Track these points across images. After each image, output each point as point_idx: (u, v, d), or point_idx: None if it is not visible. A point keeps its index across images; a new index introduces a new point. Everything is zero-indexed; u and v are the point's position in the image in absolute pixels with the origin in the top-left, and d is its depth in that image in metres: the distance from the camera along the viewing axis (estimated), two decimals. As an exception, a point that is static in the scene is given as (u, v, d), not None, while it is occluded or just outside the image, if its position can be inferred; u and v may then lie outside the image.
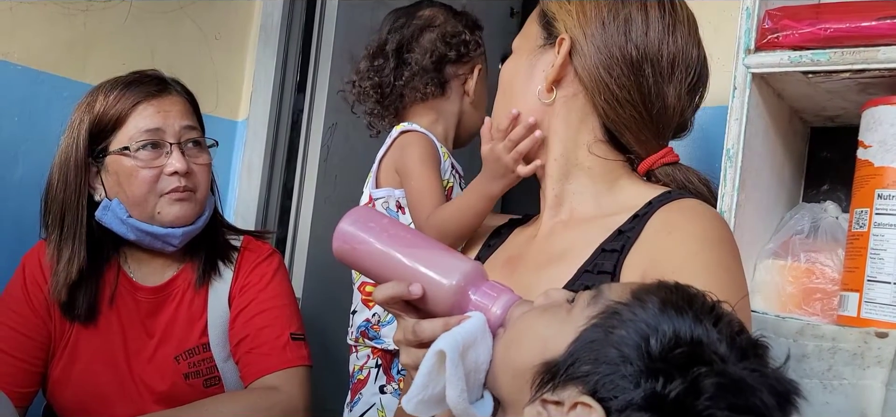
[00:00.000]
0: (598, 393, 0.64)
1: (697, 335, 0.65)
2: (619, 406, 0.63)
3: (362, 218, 0.90)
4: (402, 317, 0.85)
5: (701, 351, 0.64)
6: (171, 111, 1.36)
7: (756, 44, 1.17)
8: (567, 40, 1.00)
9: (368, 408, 1.44)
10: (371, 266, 0.88)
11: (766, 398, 0.64)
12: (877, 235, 1.06)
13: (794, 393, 0.66)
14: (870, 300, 1.05)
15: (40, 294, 1.38)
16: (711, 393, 0.62)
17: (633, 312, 0.67)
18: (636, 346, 0.65)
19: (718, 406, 0.62)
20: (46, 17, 1.80)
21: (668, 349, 0.64)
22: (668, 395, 0.62)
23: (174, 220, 1.36)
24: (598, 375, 0.65)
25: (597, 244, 0.94)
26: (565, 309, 0.73)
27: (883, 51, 1.07)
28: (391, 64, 1.47)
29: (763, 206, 1.27)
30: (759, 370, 0.65)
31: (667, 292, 0.69)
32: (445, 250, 0.86)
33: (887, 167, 1.07)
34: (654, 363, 0.64)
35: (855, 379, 1.00)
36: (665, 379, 0.63)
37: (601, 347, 0.66)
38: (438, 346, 0.73)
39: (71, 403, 1.39)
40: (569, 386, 0.66)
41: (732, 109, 1.18)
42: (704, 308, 0.68)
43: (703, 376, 0.63)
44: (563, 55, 0.99)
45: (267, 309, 1.42)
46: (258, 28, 2.20)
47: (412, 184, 1.37)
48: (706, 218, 0.93)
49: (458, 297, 0.80)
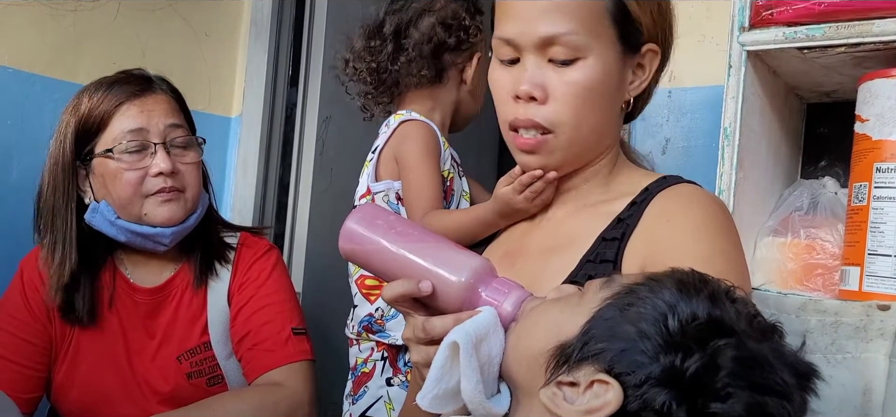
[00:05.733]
0: (614, 370, 0.64)
1: (716, 312, 0.65)
2: (636, 381, 0.63)
3: (369, 216, 0.89)
4: (410, 315, 0.85)
5: (721, 326, 0.64)
6: (155, 110, 1.35)
7: (750, 21, 1.17)
8: (657, 54, 0.96)
9: (375, 401, 1.43)
10: (379, 265, 0.87)
11: (787, 377, 0.64)
12: (876, 208, 1.06)
13: (814, 375, 0.66)
14: (871, 273, 1.05)
15: (39, 299, 1.37)
16: (731, 369, 0.62)
17: (650, 290, 0.67)
18: (654, 321, 0.64)
19: (738, 384, 0.62)
20: (34, 19, 1.79)
21: (687, 324, 0.64)
22: (686, 370, 0.62)
23: (163, 221, 1.34)
24: (614, 351, 0.64)
25: (598, 233, 0.94)
26: (577, 296, 0.73)
27: (877, 24, 1.07)
28: (388, 47, 1.43)
29: (761, 184, 1.27)
30: (778, 349, 0.65)
31: (683, 274, 0.69)
32: (454, 246, 0.86)
33: (885, 140, 1.07)
34: (673, 338, 0.63)
35: (858, 353, 1.01)
36: (684, 354, 0.62)
37: (617, 324, 0.66)
38: (451, 338, 0.73)
39: (75, 406, 1.39)
40: (584, 366, 0.66)
41: (728, 88, 1.18)
42: (721, 289, 0.67)
43: (721, 349, 0.62)
44: (652, 71, 0.96)
45: (267, 305, 1.41)
46: (248, 23, 2.19)
47: (411, 177, 1.36)
48: (704, 205, 0.93)
49: (468, 293, 0.80)
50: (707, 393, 0.62)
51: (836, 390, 1.01)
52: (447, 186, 1.41)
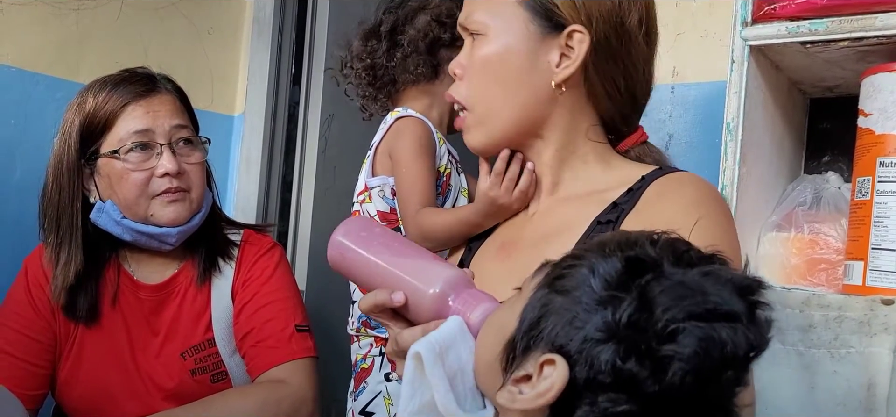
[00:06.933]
0: (555, 344, 0.62)
1: (631, 253, 0.62)
2: (577, 348, 0.60)
3: (355, 228, 0.90)
4: (389, 327, 0.85)
5: (641, 265, 0.61)
6: (161, 111, 1.35)
7: (753, 16, 1.17)
8: (585, 36, 0.93)
9: (375, 397, 1.44)
10: (360, 275, 0.89)
11: (727, 296, 0.59)
12: (880, 203, 1.06)
13: (757, 284, 0.61)
14: (875, 267, 1.05)
15: (44, 296, 1.37)
16: (664, 304, 0.58)
17: (574, 259, 0.65)
18: (580, 286, 0.62)
19: (676, 317, 0.58)
20: (37, 18, 1.79)
21: (610, 277, 0.61)
22: (620, 320, 0.59)
23: (169, 221, 1.35)
24: (550, 326, 0.63)
25: (592, 218, 0.94)
26: (515, 294, 0.71)
27: (881, 18, 1.07)
28: (384, 46, 1.44)
29: (765, 179, 1.27)
30: (711, 272, 0.61)
31: (603, 238, 0.67)
32: (432, 258, 0.86)
33: (888, 135, 1.07)
34: (599, 295, 0.61)
35: (862, 347, 1.01)
36: (613, 305, 0.60)
37: (548, 301, 0.64)
38: (415, 349, 0.72)
39: (80, 403, 1.39)
40: (530, 354, 0.64)
41: (731, 83, 1.18)
42: (641, 236, 0.65)
43: (646, 285, 0.60)
44: (582, 56, 0.94)
45: (271, 302, 1.41)
46: (251, 21, 2.19)
47: (404, 172, 1.36)
48: (695, 184, 0.94)
49: (439, 304, 0.80)
50: (650, 336, 0.58)
51: (840, 384, 1.01)
52: (443, 182, 1.41)
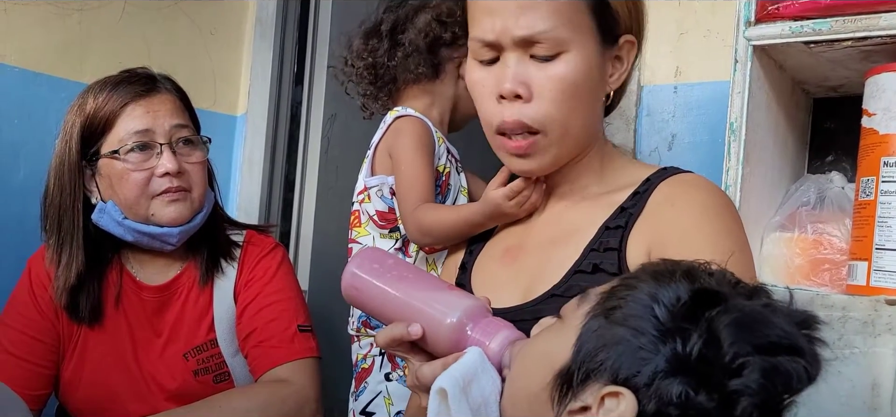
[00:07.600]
0: (620, 377, 0.61)
1: (697, 286, 0.63)
2: (645, 381, 0.60)
3: (368, 260, 0.90)
4: (409, 360, 0.84)
5: (707, 297, 0.62)
6: (161, 111, 1.35)
7: (756, 16, 1.17)
8: (634, 46, 0.96)
9: (375, 396, 1.43)
10: (375, 308, 0.88)
11: (787, 327, 0.61)
12: (884, 203, 1.06)
13: (813, 320, 0.63)
14: (879, 268, 1.05)
15: (47, 297, 1.37)
16: (731, 337, 0.59)
17: (628, 288, 0.65)
18: (642, 316, 0.62)
19: (743, 350, 0.59)
20: (40, 19, 1.79)
21: (674, 307, 0.62)
22: (690, 352, 0.59)
23: (170, 221, 1.35)
24: (613, 358, 0.62)
25: (600, 223, 0.94)
26: (558, 322, 0.70)
27: (884, 17, 1.07)
28: (385, 45, 1.44)
29: (768, 179, 1.27)
30: (769, 304, 0.63)
31: (653, 265, 0.67)
32: (446, 287, 0.86)
33: (892, 135, 1.07)
34: (666, 325, 0.61)
35: (866, 348, 1.00)
36: (682, 337, 0.60)
37: (607, 331, 0.63)
38: (439, 384, 0.72)
39: (83, 404, 1.39)
40: (589, 385, 0.63)
41: (734, 83, 1.18)
42: (694, 266, 0.66)
43: (715, 318, 0.60)
44: (630, 63, 0.96)
45: (273, 302, 1.42)
46: (253, 21, 2.19)
47: (402, 170, 1.36)
48: (706, 188, 0.94)
49: (457, 335, 0.79)
50: (719, 370, 0.59)
51: (844, 385, 1.01)
52: (443, 181, 1.41)
